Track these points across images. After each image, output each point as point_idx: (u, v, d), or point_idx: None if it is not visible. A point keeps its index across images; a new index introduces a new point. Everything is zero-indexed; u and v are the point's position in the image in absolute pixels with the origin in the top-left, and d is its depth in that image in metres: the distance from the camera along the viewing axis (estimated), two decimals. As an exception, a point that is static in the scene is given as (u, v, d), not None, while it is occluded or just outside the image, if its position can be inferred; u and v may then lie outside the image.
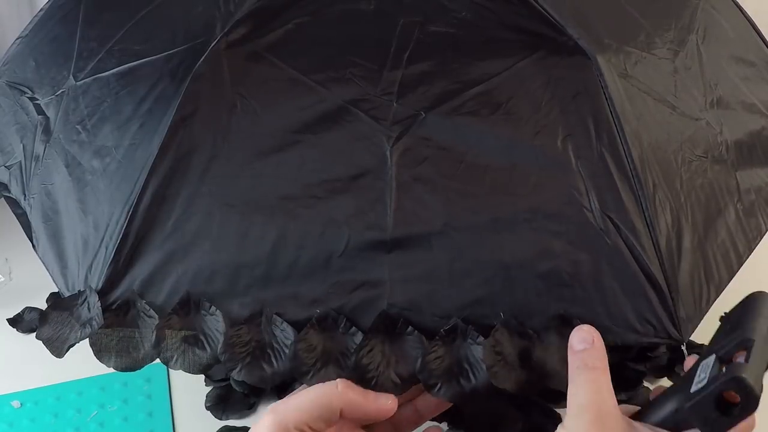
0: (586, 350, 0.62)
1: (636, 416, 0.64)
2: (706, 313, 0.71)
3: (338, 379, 0.64)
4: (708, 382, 0.57)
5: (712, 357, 0.60)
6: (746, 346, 0.59)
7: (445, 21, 0.73)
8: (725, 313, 0.67)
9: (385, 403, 0.65)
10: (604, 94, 0.71)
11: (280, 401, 0.64)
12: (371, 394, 0.65)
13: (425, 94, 0.71)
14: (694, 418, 0.58)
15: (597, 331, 0.64)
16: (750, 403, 0.55)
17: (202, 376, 0.96)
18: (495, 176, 0.70)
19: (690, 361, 0.64)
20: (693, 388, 0.58)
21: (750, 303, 0.66)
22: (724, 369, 0.58)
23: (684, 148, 0.75)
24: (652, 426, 0.62)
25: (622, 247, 0.68)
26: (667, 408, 0.62)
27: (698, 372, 0.60)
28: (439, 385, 0.66)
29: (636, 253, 0.68)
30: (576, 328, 0.64)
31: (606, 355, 0.62)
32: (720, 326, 0.66)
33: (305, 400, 0.63)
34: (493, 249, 0.68)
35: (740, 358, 0.59)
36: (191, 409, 0.97)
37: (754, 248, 0.76)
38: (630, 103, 0.72)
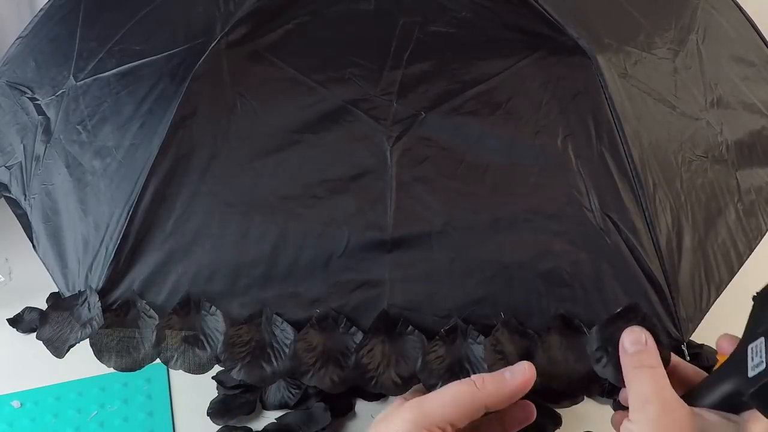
0: (640, 351, 0.63)
1: (690, 402, 0.63)
2: (706, 313, 0.71)
3: (473, 376, 0.63)
4: (766, 365, 0.57)
5: (761, 340, 0.59)
6: None
7: (445, 21, 0.73)
8: (757, 292, 0.65)
9: (522, 373, 0.63)
10: (604, 93, 0.71)
11: (421, 397, 0.62)
12: (505, 373, 0.63)
13: (425, 94, 0.71)
14: (757, 403, 0.57)
15: (648, 332, 0.64)
16: None
17: (202, 377, 0.96)
18: (495, 176, 0.70)
19: (724, 343, 0.64)
20: (750, 373, 0.58)
21: None
22: None
23: (684, 147, 0.75)
24: (711, 410, 0.62)
25: (623, 246, 0.68)
26: (721, 391, 0.61)
27: (750, 356, 0.59)
28: (439, 384, 0.66)
29: (636, 253, 0.68)
30: (627, 330, 0.64)
31: (658, 353, 0.63)
32: (754, 306, 0.64)
33: (450, 397, 0.61)
34: (494, 249, 0.68)
35: None
36: (191, 409, 0.97)
37: (755, 248, 0.76)
38: (630, 102, 0.72)
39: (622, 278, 0.68)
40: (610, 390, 0.86)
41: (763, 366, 0.57)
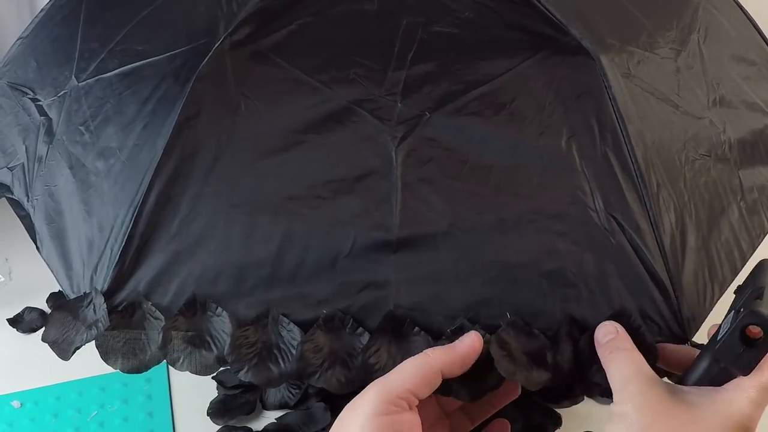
0: (613, 339, 0.66)
1: (679, 383, 0.65)
2: (710, 311, 0.71)
3: (426, 350, 0.65)
4: (730, 326, 0.60)
5: (731, 314, 0.62)
6: (759, 293, 0.62)
7: (448, 21, 0.73)
8: (738, 286, 0.69)
9: (470, 339, 0.65)
10: (608, 93, 0.71)
11: (381, 377, 0.64)
12: (454, 344, 0.66)
13: (429, 95, 0.71)
14: (725, 360, 0.60)
15: (619, 324, 0.67)
16: None
17: (202, 377, 0.97)
18: (499, 176, 0.70)
19: (713, 329, 0.65)
20: (718, 338, 0.61)
21: (759, 268, 0.68)
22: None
23: (687, 147, 0.75)
24: (694, 386, 0.63)
25: (627, 246, 0.69)
26: (702, 367, 0.63)
27: (721, 327, 0.62)
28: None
29: (640, 252, 0.68)
30: (599, 326, 0.67)
31: (631, 339, 0.66)
32: (735, 297, 0.67)
33: (406, 369, 0.64)
34: (498, 249, 0.69)
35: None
36: (191, 409, 0.98)
37: (758, 246, 0.77)
38: (633, 102, 0.72)
39: (626, 278, 0.68)
40: (610, 390, 0.86)
41: (728, 327, 0.60)
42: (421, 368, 0.64)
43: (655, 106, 0.74)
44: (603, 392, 0.78)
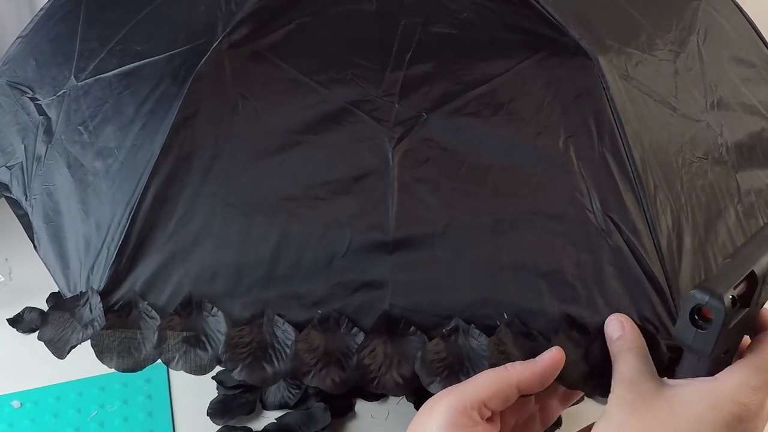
0: (620, 338, 0.66)
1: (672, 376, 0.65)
2: (706, 314, 0.71)
3: (506, 364, 0.65)
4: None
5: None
6: None
7: (447, 22, 0.73)
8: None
9: (551, 355, 0.65)
10: (606, 95, 0.71)
11: (456, 384, 0.64)
12: (535, 360, 0.65)
13: (427, 95, 0.71)
14: (683, 344, 0.61)
15: (627, 317, 0.67)
16: (717, 308, 0.57)
17: (202, 377, 0.96)
18: (497, 177, 0.70)
19: None
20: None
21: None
22: None
23: (685, 149, 0.75)
24: (685, 379, 0.63)
25: (624, 247, 0.69)
26: (686, 358, 0.63)
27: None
28: (438, 381, 0.66)
29: (638, 253, 0.68)
30: (607, 319, 0.67)
31: (638, 334, 0.66)
32: None
33: (480, 380, 0.64)
34: (495, 250, 0.68)
35: None
36: (191, 409, 0.98)
37: (754, 249, 0.76)
38: (631, 104, 0.72)
39: (623, 279, 0.68)
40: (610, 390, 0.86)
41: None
42: (497, 381, 0.64)
43: (652, 108, 0.74)
44: (603, 392, 0.78)
